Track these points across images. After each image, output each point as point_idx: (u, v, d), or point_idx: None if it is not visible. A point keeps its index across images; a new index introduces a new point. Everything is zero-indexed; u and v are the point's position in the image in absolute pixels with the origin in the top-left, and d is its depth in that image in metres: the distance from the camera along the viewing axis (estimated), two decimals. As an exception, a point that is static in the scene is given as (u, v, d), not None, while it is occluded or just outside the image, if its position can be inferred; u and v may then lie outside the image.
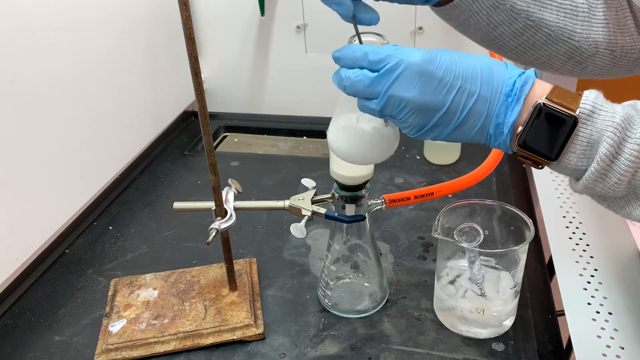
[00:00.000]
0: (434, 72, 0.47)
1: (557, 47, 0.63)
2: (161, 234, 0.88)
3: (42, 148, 0.81)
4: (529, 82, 0.47)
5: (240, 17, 1.19)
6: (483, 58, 0.49)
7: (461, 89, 0.47)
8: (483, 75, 0.48)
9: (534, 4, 0.61)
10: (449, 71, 0.47)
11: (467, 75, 0.48)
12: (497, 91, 0.48)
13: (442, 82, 0.47)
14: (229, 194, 0.68)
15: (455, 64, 0.48)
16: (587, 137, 0.46)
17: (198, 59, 0.58)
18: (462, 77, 0.48)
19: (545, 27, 0.61)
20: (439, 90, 0.47)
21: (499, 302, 0.65)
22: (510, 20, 0.61)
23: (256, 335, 0.68)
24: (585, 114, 0.46)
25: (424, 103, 0.48)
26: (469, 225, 0.64)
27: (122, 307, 0.72)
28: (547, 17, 0.61)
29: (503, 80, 0.48)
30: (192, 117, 1.28)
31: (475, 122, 0.48)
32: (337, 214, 0.66)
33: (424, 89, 0.47)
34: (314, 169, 1.01)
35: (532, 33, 0.62)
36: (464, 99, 0.48)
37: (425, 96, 0.48)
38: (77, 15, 0.86)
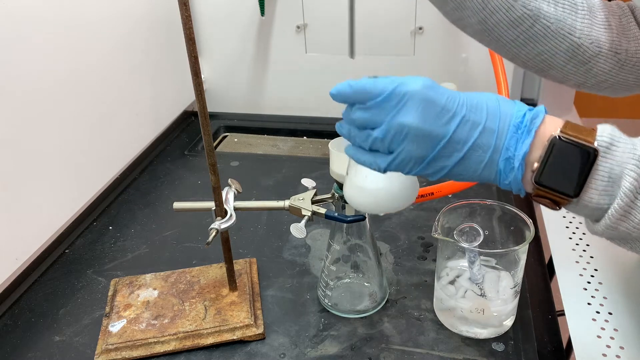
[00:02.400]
0: (436, 98, 0.45)
1: (557, 42, 0.61)
2: (161, 234, 0.88)
3: (42, 148, 0.81)
4: (539, 116, 0.45)
5: (240, 17, 1.19)
6: (490, 94, 0.47)
7: (465, 118, 0.45)
8: (489, 107, 0.46)
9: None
10: (451, 99, 0.46)
11: (471, 105, 0.46)
12: (506, 123, 0.45)
13: (445, 109, 0.45)
14: (229, 194, 0.68)
15: (458, 95, 0.46)
16: (608, 171, 0.43)
17: (198, 59, 0.58)
18: (467, 107, 0.45)
19: (544, 17, 0.60)
20: (441, 117, 0.45)
21: (499, 302, 0.65)
22: (507, 7, 0.60)
23: (256, 335, 0.68)
24: (604, 146, 0.43)
25: (426, 130, 0.45)
26: (469, 225, 0.64)
27: (122, 307, 0.72)
28: (544, 8, 0.60)
29: (512, 113, 0.46)
30: (192, 117, 1.28)
31: (481, 156, 0.46)
32: (337, 214, 0.66)
33: (426, 115, 0.45)
34: (314, 169, 1.01)
35: (530, 23, 0.60)
36: (468, 128, 0.45)
37: (427, 123, 0.45)
38: (77, 15, 0.86)
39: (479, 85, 1.13)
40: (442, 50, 1.12)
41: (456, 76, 1.13)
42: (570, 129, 0.45)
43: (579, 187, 0.44)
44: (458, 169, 0.47)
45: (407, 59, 1.15)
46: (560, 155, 0.44)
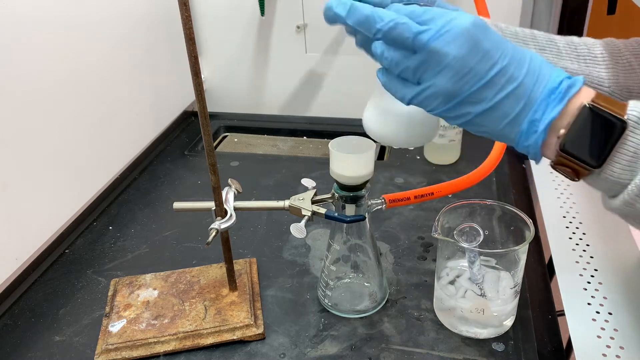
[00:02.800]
0: (482, 41, 0.44)
1: None
2: (161, 234, 0.88)
3: (42, 148, 0.81)
4: (576, 85, 0.44)
5: (240, 17, 1.19)
6: (534, 53, 0.46)
7: (504, 69, 0.44)
8: (531, 65, 0.45)
9: (551, 55, 0.61)
10: (497, 47, 0.44)
11: (515, 57, 0.45)
12: (541, 85, 0.44)
13: (488, 54, 0.44)
14: (229, 194, 0.68)
15: (505, 44, 0.45)
16: (635, 146, 0.43)
17: (198, 59, 0.58)
18: (509, 58, 0.44)
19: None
20: (482, 61, 0.44)
21: (499, 302, 0.65)
22: None
23: (256, 335, 0.68)
24: (634, 120, 0.43)
25: (465, 67, 0.44)
26: (469, 225, 0.64)
27: (122, 307, 0.72)
28: (569, 66, 0.61)
29: (550, 76, 0.45)
30: (192, 117, 1.28)
31: (510, 109, 0.45)
32: (337, 214, 0.66)
33: (469, 53, 0.44)
34: (314, 169, 1.01)
35: None
36: (504, 80, 0.44)
37: (469, 61, 0.44)
38: (76, 15, 0.86)
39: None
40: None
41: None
42: (603, 100, 0.44)
43: (603, 159, 0.44)
44: (481, 118, 0.46)
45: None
46: (589, 124, 0.43)
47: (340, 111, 1.23)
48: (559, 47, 0.62)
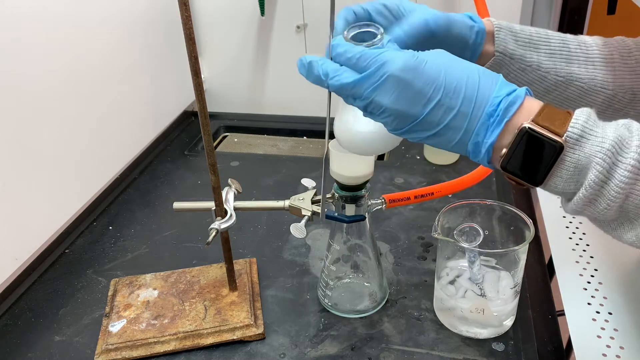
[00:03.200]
0: (412, 82, 0.45)
1: (592, 97, 0.62)
2: (161, 234, 0.88)
3: (42, 148, 0.81)
4: (516, 103, 0.45)
5: (240, 17, 1.19)
6: (473, 69, 0.47)
7: (439, 103, 0.45)
8: (467, 91, 0.45)
9: (560, 60, 0.61)
10: (429, 82, 0.45)
11: (449, 88, 0.45)
12: (480, 109, 0.45)
13: (421, 93, 0.45)
14: (229, 194, 0.68)
15: (439, 75, 0.46)
16: (575, 162, 0.44)
17: (198, 59, 0.58)
18: (444, 90, 0.45)
19: (576, 80, 0.61)
20: (417, 101, 0.46)
21: (499, 302, 0.65)
22: (540, 79, 0.62)
23: (256, 335, 0.68)
24: (573, 138, 0.43)
25: (399, 111, 0.46)
26: (469, 225, 0.64)
27: (122, 307, 0.72)
28: (575, 71, 0.61)
29: (488, 97, 0.45)
30: (192, 117, 1.28)
31: (452, 136, 0.47)
32: (337, 214, 0.66)
33: (400, 97, 0.46)
34: (314, 169, 1.01)
35: (564, 88, 0.62)
36: (441, 113, 0.46)
37: (401, 105, 0.46)
38: (76, 15, 0.86)
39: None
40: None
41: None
42: (544, 117, 0.44)
43: (543, 177, 0.45)
44: (431, 141, 0.48)
45: (407, 59, 1.15)
46: (527, 147, 0.44)
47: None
48: (570, 50, 0.62)
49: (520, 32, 0.61)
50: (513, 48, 0.61)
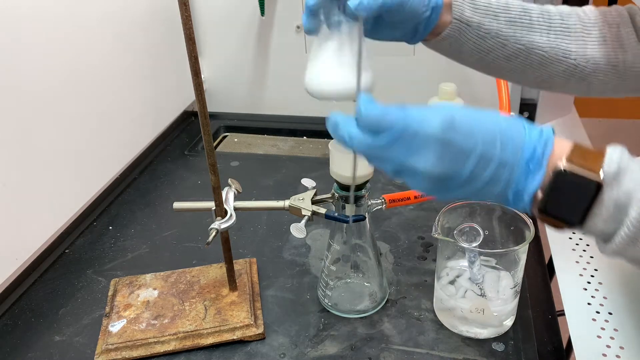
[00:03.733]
0: (454, 141, 0.42)
1: (554, 66, 0.62)
2: (161, 234, 0.88)
3: (42, 148, 0.81)
4: (549, 144, 0.43)
5: (240, 17, 1.19)
6: (499, 118, 0.44)
7: (480, 156, 0.43)
8: (502, 139, 0.43)
9: (521, 28, 0.61)
10: (469, 137, 0.43)
11: (486, 140, 0.43)
12: (517, 155, 0.43)
13: (462, 150, 0.43)
14: (229, 194, 0.68)
15: (473, 128, 0.43)
16: (614, 200, 0.42)
17: (198, 59, 0.58)
18: (482, 142, 0.43)
19: (537, 48, 0.61)
20: (457, 160, 0.43)
21: (499, 302, 0.65)
22: (500, 46, 0.61)
23: (256, 335, 0.68)
24: (610, 175, 0.42)
25: (440, 174, 0.44)
26: (469, 225, 0.64)
27: (122, 307, 0.72)
28: (537, 40, 0.61)
29: (522, 142, 0.43)
30: (192, 117, 1.28)
31: (492, 189, 0.44)
32: (337, 214, 0.66)
33: (439, 159, 0.43)
34: (314, 169, 1.01)
35: (525, 56, 0.62)
36: (482, 167, 0.43)
37: (439, 167, 0.43)
38: (76, 15, 0.86)
39: (478, 85, 1.13)
40: (442, 50, 1.12)
41: (456, 76, 1.13)
42: (577, 156, 0.43)
43: (583, 217, 0.43)
44: (468, 196, 0.46)
45: (407, 59, 1.15)
46: (564, 188, 0.43)
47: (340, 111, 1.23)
48: (531, 18, 0.61)
49: (478, 1, 0.61)
50: (470, 15, 0.60)
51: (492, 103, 1.12)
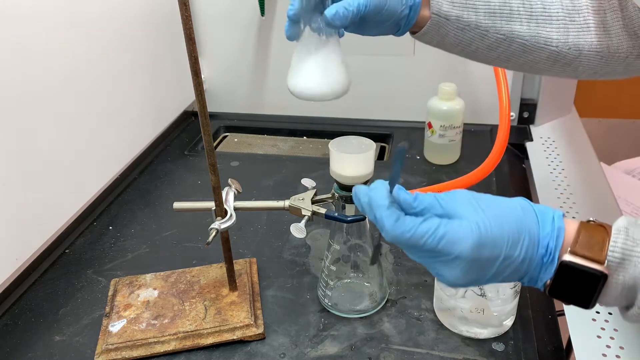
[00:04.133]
0: (483, 256, 0.46)
1: (536, 53, 0.63)
2: (161, 234, 0.89)
3: (42, 148, 0.81)
4: (560, 238, 0.46)
5: (240, 17, 1.19)
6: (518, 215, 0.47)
7: (504, 259, 0.46)
8: (523, 240, 0.46)
9: (500, 19, 0.61)
10: (496, 247, 0.46)
11: (509, 243, 0.46)
12: (534, 250, 0.46)
13: (488, 260, 0.46)
14: (229, 194, 0.68)
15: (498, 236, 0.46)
16: (621, 284, 0.44)
17: (198, 59, 0.58)
18: (506, 246, 0.46)
19: (518, 37, 0.62)
20: (483, 269, 0.46)
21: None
22: (480, 36, 0.62)
23: (256, 335, 0.68)
24: (616, 262, 0.44)
25: (465, 282, 0.48)
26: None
27: (122, 307, 0.72)
28: (517, 29, 0.61)
29: (538, 239, 0.46)
30: (192, 117, 1.28)
31: (511, 278, 0.48)
32: (337, 214, 0.66)
33: (469, 272, 0.46)
34: (314, 169, 1.01)
35: (506, 45, 0.62)
36: (503, 267, 0.46)
37: (468, 278, 0.47)
38: (76, 15, 0.86)
39: (479, 86, 1.13)
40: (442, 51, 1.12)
41: (456, 76, 1.13)
42: (582, 244, 0.45)
43: (590, 301, 0.45)
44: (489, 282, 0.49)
45: (407, 59, 1.15)
46: (571, 279, 0.45)
47: (340, 111, 1.23)
48: (511, 8, 0.62)
49: None
50: (448, 9, 0.61)
51: (492, 103, 1.12)
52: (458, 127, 1.01)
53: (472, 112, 1.11)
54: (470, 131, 1.11)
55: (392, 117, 1.21)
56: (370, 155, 0.64)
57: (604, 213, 0.88)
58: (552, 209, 0.48)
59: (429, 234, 0.46)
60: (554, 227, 0.46)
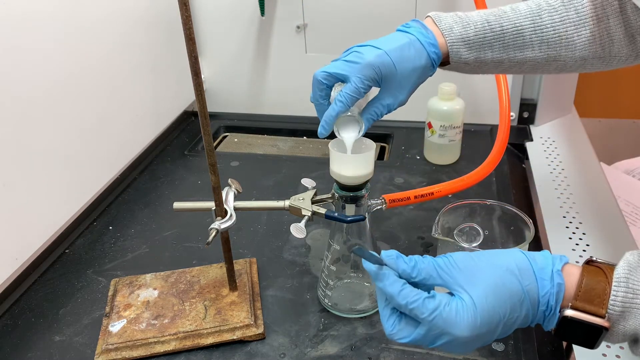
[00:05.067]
0: (484, 333, 0.47)
1: (545, 68, 0.66)
2: (161, 234, 0.88)
3: (42, 148, 0.81)
4: (560, 294, 0.47)
5: (240, 17, 1.19)
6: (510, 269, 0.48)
7: (505, 324, 0.48)
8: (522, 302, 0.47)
9: (514, 50, 0.64)
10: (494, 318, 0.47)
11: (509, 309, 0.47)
12: (535, 308, 0.48)
13: (489, 331, 0.47)
14: (229, 194, 0.68)
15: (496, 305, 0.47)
16: (622, 333, 0.46)
17: (198, 59, 0.58)
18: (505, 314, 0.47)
19: (530, 60, 0.64)
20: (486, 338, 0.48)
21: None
22: (495, 65, 0.65)
23: (256, 335, 0.68)
24: (616, 314, 0.46)
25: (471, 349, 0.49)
26: (469, 225, 0.64)
27: (122, 307, 0.72)
28: (529, 55, 0.64)
29: (538, 297, 0.48)
30: (192, 117, 1.28)
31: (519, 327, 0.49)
32: (337, 214, 0.66)
33: (472, 344, 0.48)
34: (314, 169, 1.01)
35: (518, 67, 0.66)
36: (508, 329, 0.48)
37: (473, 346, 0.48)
38: (77, 15, 0.86)
39: (479, 86, 1.13)
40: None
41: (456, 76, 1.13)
42: (582, 297, 0.46)
43: (595, 345, 0.47)
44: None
45: (407, 59, 1.15)
46: (573, 330, 0.47)
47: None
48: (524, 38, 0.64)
49: (473, 38, 0.64)
50: (466, 55, 0.64)
51: (492, 103, 1.12)
52: (458, 127, 1.01)
53: (472, 112, 1.11)
54: (470, 131, 1.11)
55: (392, 117, 1.20)
56: (370, 155, 0.64)
57: (604, 213, 0.88)
58: (551, 261, 0.49)
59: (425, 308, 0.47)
60: (554, 283, 0.48)
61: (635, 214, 1.09)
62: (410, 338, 0.48)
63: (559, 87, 1.16)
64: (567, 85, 1.17)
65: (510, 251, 0.50)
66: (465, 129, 1.04)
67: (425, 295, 0.48)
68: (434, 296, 0.48)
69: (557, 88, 1.15)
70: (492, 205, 0.68)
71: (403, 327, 0.49)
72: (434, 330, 0.47)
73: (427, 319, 0.47)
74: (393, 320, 0.49)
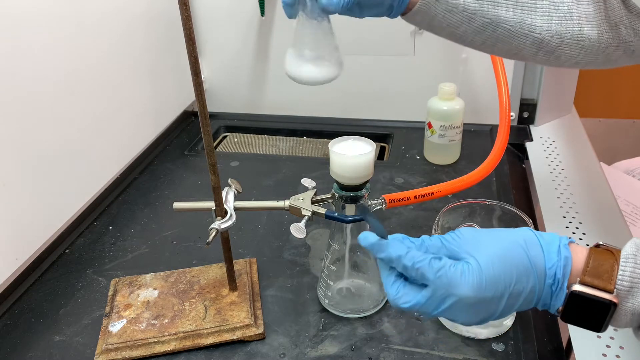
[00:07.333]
0: (485, 297, 0.47)
1: (521, 39, 0.64)
2: (161, 234, 0.89)
3: (42, 148, 0.81)
4: (567, 267, 0.47)
5: (240, 17, 1.19)
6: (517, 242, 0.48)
7: (511, 295, 0.47)
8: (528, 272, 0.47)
9: (487, 3, 0.63)
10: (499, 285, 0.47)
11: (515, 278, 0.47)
12: (542, 282, 0.48)
13: (494, 298, 0.47)
14: (229, 194, 0.68)
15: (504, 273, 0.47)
16: (630, 310, 0.46)
17: (198, 59, 0.58)
18: (512, 282, 0.47)
19: (503, 22, 0.63)
20: (490, 306, 0.48)
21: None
22: (467, 19, 0.63)
23: (256, 335, 0.68)
24: (624, 291, 0.45)
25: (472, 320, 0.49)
26: (469, 225, 0.64)
27: (122, 307, 0.72)
28: (502, 14, 0.63)
29: (544, 269, 0.48)
30: (192, 117, 1.28)
31: (525, 306, 0.49)
32: (337, 214, 0.66)
33: (477, 311, 0.48)
34: (314, 169, 1.01)
35: (492, 29, 0.64)
36: (512, 302, 0.48)
37: (473, 317, 0.49)
38: (76, 14, 0.86)
39: (479, 86, 1.13)
40: (442, 51, 1.12)
41: (456, 76, 1.13)
42: (591, 273, 0.46)
43: (601, 326, 0.47)
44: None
45: (407, 59, 1.15)
46: (581, 307, 0.47)
47: (340, 111, 1.23)
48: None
49: None
50: None
51: (492, 103, 1.12)
52: (458, 127, 1.01)
53: (472, 112, 1.11)
54: (470, 131, 1.12)
55: (392, 117, 1.21)
56: (370, 155, 0.64)
57: (604, 213, 0.88)
58: (558, 237, 0.49)
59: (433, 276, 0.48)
60: (561, 256, 0.48)
61: (635, 214, 1.09)
62: (415, 301, 0.49)
63: (559, 87, 1.16)
64: (567, 85, 1.17)
65: (517, 229, 0.50)
66: (465, 129, 1.04)
67: (432, 256, 0.48)
68: (440, 257, 0.48)
69: (557, 88, 1.15)
70: (492, 205, 0.68)
71: (407, 292, 0.49)
72: (438, 291, 0.47)
73: (433, 278, 0.47)
74: (397, 285, 0.50)
